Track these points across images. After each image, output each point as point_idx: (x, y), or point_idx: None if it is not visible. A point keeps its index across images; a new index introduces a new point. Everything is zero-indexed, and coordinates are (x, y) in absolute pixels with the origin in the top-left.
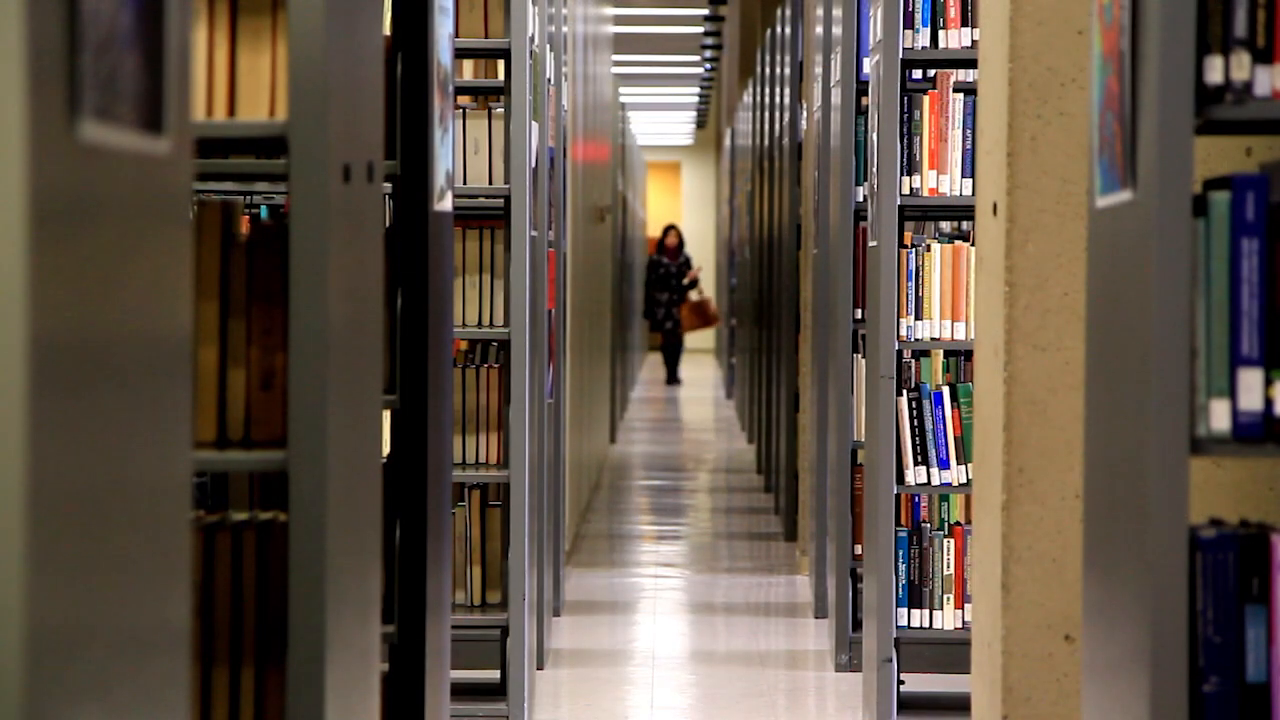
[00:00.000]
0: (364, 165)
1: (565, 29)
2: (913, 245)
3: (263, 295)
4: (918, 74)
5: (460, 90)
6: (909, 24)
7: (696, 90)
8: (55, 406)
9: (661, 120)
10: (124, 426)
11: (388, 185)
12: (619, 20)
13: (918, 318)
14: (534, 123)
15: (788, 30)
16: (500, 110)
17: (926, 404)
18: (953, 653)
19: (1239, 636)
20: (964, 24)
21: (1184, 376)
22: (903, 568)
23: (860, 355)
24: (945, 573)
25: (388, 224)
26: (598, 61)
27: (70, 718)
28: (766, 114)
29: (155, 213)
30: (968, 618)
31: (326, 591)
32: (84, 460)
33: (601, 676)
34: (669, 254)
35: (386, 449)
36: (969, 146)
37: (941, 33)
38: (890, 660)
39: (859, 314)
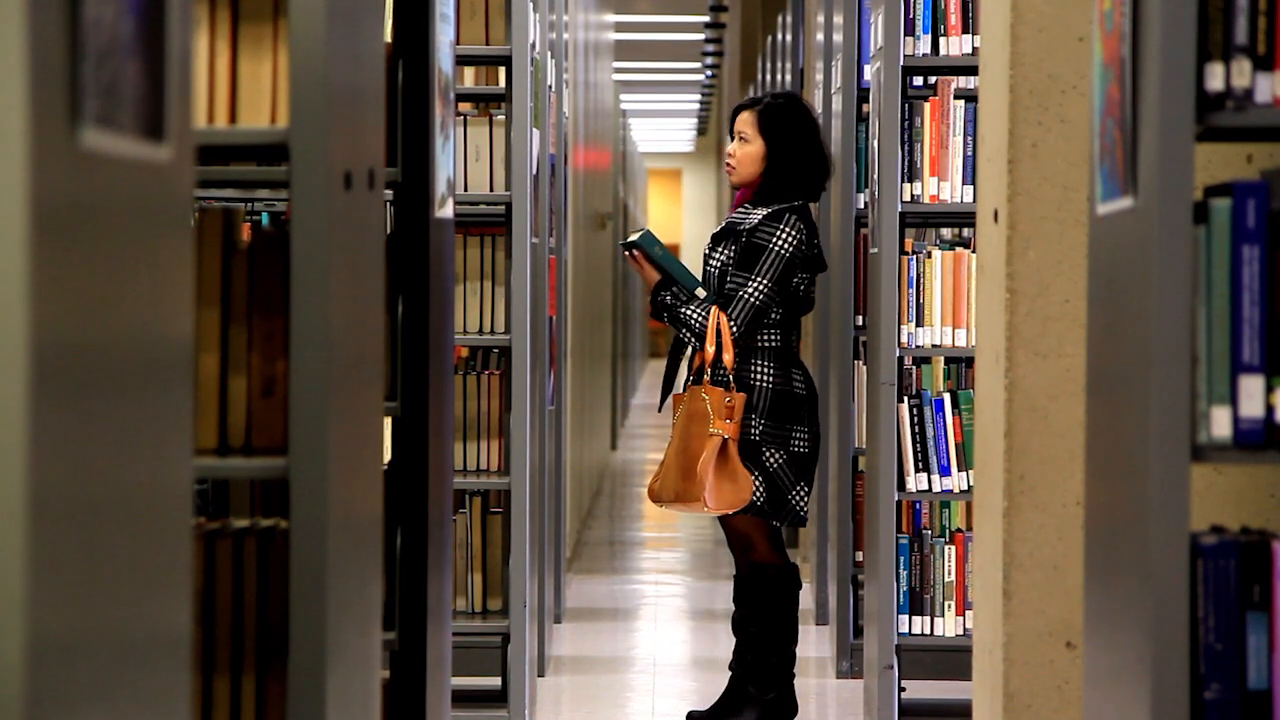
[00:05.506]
0: (365, 172)
1: (566, 36)
2: (913, 252)
3: (264, 302)
4: (918, 81)
5: (461, 97)
6: (910, 31)
7: (697, 97)
8: (56, 413)
9: (662, 127)
10: (125, 433)
11: (389, 192)
12: (620, 27)
13: (919, 324)
14: (535, 130)
15: (788, 37)
16: (501, 117)
17: (927, 411)
18: (954, 660)
19: (1240, 643)
20: (965, 31)
21: (1185, 383)
22: (904, 574)
23: (861, 362)
24: (946, 579)
25: (389, 231)
26: (599, 68)
27: None
28: None
29: (156, 220)
30: (969, 625)
31: (327, 598)
32: (85, 467)
33: (602, 683)
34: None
35: (387, 456)
36: (970, 153)
37: (942, 40)
38: (891, 667)
39: (860, 321)
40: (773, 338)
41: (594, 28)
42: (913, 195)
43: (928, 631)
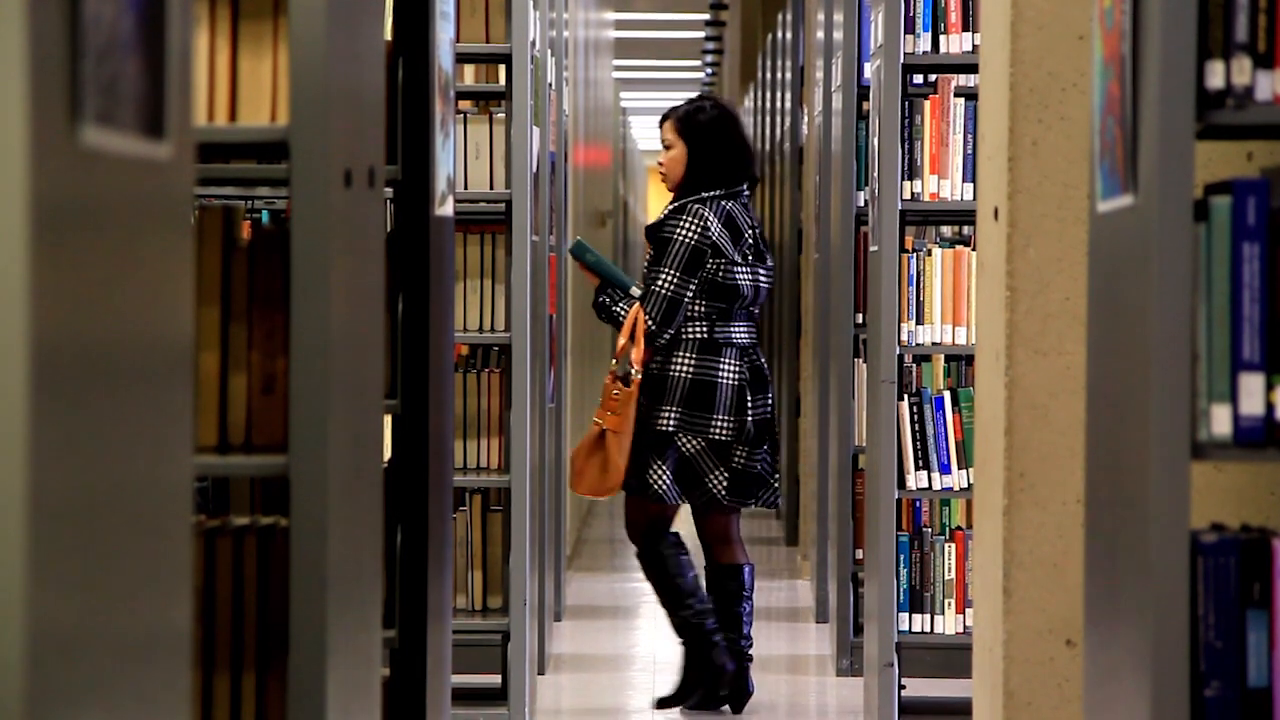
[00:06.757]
0: (365, 170)
1: (566, 34)
2: (914, 250)
3: (264, 300)
4: (919, 79)
5: (461, 95)
6: (910, 29)
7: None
8: (57, 411)
9: None
10: (125, 431)
11: (389, 190)
12: (620, 25)
13: (919, 322)
14: (535, 127)
15: (789, 35)
16: (501, 115)
17: (927, 409)
18: (954, 657)
19: (1240, 641)
20: (965, 29)
21: (1185, 381)
22: (904, 572)
23: (861, 360)
24: (946, 577)
25: (389, 229)
26: (599, 66)
27: None
28: (767, 119)
29: (157, 218)
30: (969, 622)
31: (328, 596)
32: (85, 465)
33: (603, 681)
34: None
35: (387, 454)
36: (970, 151)
37: (942, 38)
38: (891, 665)
39: (860, 319)
40: (698, 329)
41: (594, 25)
42: (913, 193)
43: (928, 629)
